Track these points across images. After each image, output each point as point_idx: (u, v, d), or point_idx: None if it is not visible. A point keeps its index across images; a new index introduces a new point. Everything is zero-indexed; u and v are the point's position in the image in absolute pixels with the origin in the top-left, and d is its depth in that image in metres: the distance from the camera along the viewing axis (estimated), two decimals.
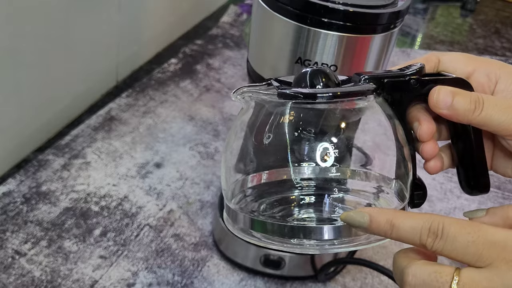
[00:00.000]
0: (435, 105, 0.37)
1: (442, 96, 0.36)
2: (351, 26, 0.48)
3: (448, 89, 0.37)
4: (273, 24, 0.51)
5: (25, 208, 0.63)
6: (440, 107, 0.37)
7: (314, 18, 0.48)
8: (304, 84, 0.37)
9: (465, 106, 0.36)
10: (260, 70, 0.54)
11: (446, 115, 0.37)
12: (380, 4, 0.49)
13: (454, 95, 0.36)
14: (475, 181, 0.40)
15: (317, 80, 0.37)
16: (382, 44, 0.51)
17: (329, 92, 0.36)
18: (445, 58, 0.40)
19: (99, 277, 0.57)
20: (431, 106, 0.37)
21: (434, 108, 0.37)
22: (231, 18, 1.16)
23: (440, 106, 0.37)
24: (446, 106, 0.36)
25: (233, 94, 0.40)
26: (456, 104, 0.36)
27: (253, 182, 0.41)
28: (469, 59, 0.41)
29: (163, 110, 0.84)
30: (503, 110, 0.36)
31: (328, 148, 0.37)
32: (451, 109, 0.37)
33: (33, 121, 0.72)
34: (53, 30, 0.70)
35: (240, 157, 0.41)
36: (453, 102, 0.36)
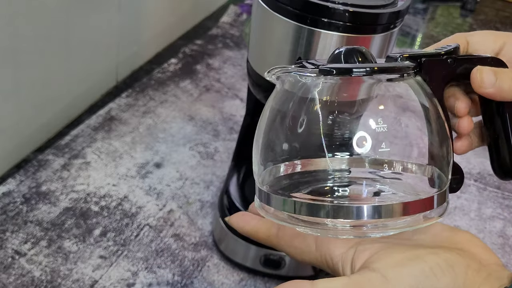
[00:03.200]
0: (479, 85, 0.37)
1: (486, 76, 0.37)
2: (351, 26, 0.48)
3: (490, 68, 0.37)
4: (273, 24, 0.51)
5: (25, 208, 0.63)
6: (485, 87, 0.37)
7: (314, 18, 0.48)
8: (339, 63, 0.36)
9: (510, 84, 0.36)
10: (260, 70, 0.54)
11: (490, 94, 0.37)
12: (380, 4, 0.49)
13: (497, 74, 0.37)
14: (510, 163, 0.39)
15: (353, 60, 0.36)
16: (382, 44, 0.51)
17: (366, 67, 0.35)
18: (473, 39, 0.40)
19: (99, 277, 0.57)
20: (475, 86, 0.37)
21: (478, 88, 0.37)
22: (231, 18, 1.16)
23: (485, 85, 0.37)
24: (491, 85, 0.37)
25: (267, 74, 0.39)
26: (500, 82, 0.36)
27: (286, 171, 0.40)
28: (496, 36, 0.41)
29: (163, 110, 0.84)
30: None
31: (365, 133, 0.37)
32: (496, 88, 0.37)
33: (33, 121, 0.72)
34: (53, 30, 0.70)
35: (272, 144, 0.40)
36: (497, 80, 0.36)
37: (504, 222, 0.74)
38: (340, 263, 0.37)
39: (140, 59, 0.95)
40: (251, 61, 0.56)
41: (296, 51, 0.50)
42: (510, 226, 0.73)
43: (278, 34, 0.51)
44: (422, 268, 0.33)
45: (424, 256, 0.34)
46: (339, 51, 0.37)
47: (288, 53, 0.51)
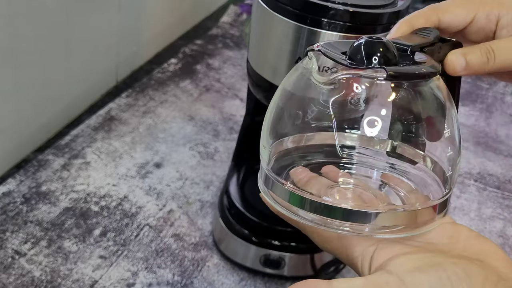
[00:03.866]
0: (453, 70, 0.39)
1: (456, 60, 0.39)
2: (351, 26, 0.48)
3: (458, 52, 0.39)
4: (273, 24, 0.51)
5: (25, 208, 0.63)
6: (457, 71, 0.39)
7: (314, 18, 0.48)
8: (360, 56, 0.36)
9: (478, 61, 0.39)
10: (260, 70, 0.54)
11: (465, 74, 0.40)
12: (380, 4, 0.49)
13: (465, 55, 0.39)
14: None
15: (375, 53, 0.36)
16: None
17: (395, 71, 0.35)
18: (445, 17, 0.42)
19: (99, 277, 0.57)
20: (449, 72, 0.39)
21: (452, 73, 0.40)
22: (231, 18, 1.16)
23: (457, 69, 0.39)
24: (462, 67, 0.39)
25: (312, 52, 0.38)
26: (470, 62, 0.39)
27: (294, 143, 0.40)
28: (466, 8, 0.42)
29: (163, 110, 0.84)
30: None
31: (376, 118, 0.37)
32: (467, 69, 0.39)
33: (33, 121, 0.72)
34: (53, 30, 0.70)
35: (282, 120, 0.40)
36: (466, 61, 0.39)
37: (504, 222, 0.74)
38: (359, 258, 0.37)
39: (140, 59, 0.95)
40: (251, 61, 0.56)
41: (296, 51, 0.50)
42: (510, 226, 0.73)
43: (278, 34, 0.51)
44: (440, 276, 0.33)
45: (444, 264, 0.34)
46: (359, 43, 0.36)
47: (288, 53, 0.51)
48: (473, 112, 0.98)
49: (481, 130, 0.93)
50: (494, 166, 0.85)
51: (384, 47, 0.36)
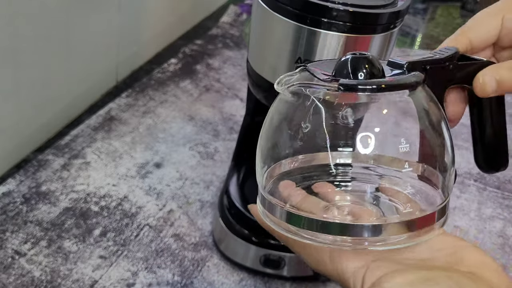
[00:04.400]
0: (482, 93, 0.39)
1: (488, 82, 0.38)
2: (351, 26, 0.48)
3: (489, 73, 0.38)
4: (273, 24, 0.51)
5: (25, 208, 0.63)
6: (485, 93, 0.38)
7: (314, 18, 0.48)
8: (346, 71, 0.36)
9: (509, 80, 0.38)
10: (260, 70, 0.54)
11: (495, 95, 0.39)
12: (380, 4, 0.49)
13: (496, 74, 0.38)
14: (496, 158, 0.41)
15: (360, 70, 0.36)
16: (382, 44, 0.51)
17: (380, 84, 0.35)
18: (473, 35, 0.41)
19: (99, 277, 0.57)
20: (479, 94, 0.39)
21: (482, 95, 0.39)
22: (231, 18, 1.16)
23: (486, 91, 0.38)
24: (492, 89, 0.38)
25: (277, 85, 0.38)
26: (501, 83, 0.38)
27: (288, 167, 0.40)
28: (494, 16, 0.42)
29: (163, 110, 0.84)
30: None
31: (369, 135, 0.37)
32: (497, 90, 0.38)
33: (33, 121, 0.72)
34: (53, 30, 0.70)
35: (275, 144, 0.40)
36: (498, 82, 0.38)
37: (504, 222, 0.74)
38: (351, 279, 0.37)
39: (140, 59, 0.95)
40: (251, 61, 0.56)
41: (296, 51, 0.50)
42: (510, 226, 0.73)
43: (278, 34, 0.51)
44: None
45: (437, 278, 0.34)
46: (345, 59, 0.37)
47: (288, 53, 0.51)
48: None
49: None
50: None
51: (369, 63, 0.36)
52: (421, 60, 0.38)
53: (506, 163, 0.41)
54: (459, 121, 0.42)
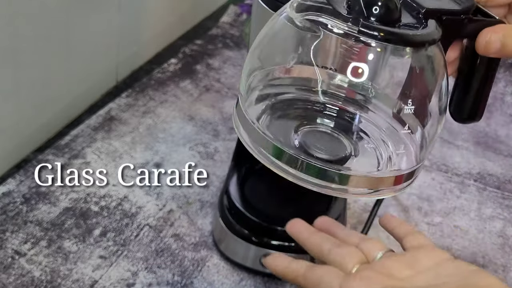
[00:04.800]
0: (484, 50, 0.38)
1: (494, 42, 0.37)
2: None
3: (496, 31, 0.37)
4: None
5: (25, 208, 0.63)
6: (490, 52, 0.38)
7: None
8: (358, 7, 0.34)
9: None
10: None
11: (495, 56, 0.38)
12: None
13: (505, 36, 0.37)
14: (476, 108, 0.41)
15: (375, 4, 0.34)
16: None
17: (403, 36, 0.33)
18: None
19: (99, 277, 0.57)
20: (479, 51, 0.38)
21: (482, 52, 0.38)
22: (231, 18, 1.16)
23: (490, 50, 0.38)
24: (495, 49, 0.37)
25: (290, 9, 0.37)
26: (506, 46, 0.37)
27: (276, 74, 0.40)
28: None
29: (163, 110, 0.84)
30: None
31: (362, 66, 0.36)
32: (499, 51, 0.37)
33: (33, 121, 0.72)
34: (53, 30, 0.70)
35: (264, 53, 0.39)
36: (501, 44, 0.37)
37: (504, 222, 0.74)
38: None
39: (140, 59, 0.95)
40: None
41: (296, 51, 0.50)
42: (510, 226, 0.73)
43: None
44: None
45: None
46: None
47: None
48: None
49: (481, 130, 0.93)
50: (494, 166, 0.85)
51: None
52: (438, 8, 0.36)
53: (481, 116, 0.41)
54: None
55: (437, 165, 0.82)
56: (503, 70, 1.14)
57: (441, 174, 0.80)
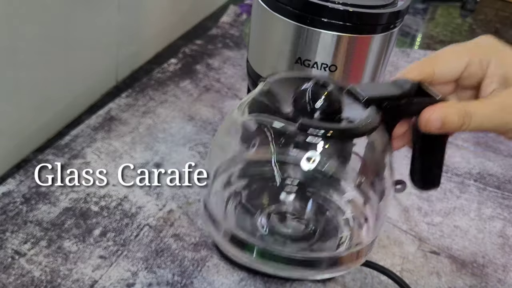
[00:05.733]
0: (426, 128, 0.40)
1: (434, 120, 0.39)
2: (351, 26, 0.48)
3: (437, 112, 0.39)
4: (273, 24, 0.51)
5: (25, 208, 0.63)
6: (431, 130, 0.40)
7: (313, 18, 0.48)
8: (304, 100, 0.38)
9: (454, 124, 0.39)
10: (260, 70, 0.54)
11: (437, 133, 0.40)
12: (380, 4, 0.49)
13: (443, 116, 0.39)
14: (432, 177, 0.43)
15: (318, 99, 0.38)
16: (382, 44, 0.51)
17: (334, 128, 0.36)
18: (439, 68, 0.42)
19: (99, 277, 0.57)
20: (421, 129, 0.40)
21: (424, 130, 0.40)
22: (231, 18, 1.16)
23: (431, 129, 0.39)
24: (436, 127, 0.39)
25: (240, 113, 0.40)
26: (445, 124, 0.39)
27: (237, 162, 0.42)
28: (460, 55, 0.43)
29: (162, 110, 0.84)
30: (489, 117, 0.39)
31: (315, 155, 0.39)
32: (440, 129, 0.39)
33: (33, 121, 0.72)
34: (53, 30, 0.70)
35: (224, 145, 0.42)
36: (441, 123, 0.39)
37: (504, 222, 0.74)
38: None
39: (140, 59, 0.95)
40: (251, 61, 0.56)
41: (296, 51, 0.50)
42: (510, 226, 0.73)
43: (278, 34, 0.51)
44: None
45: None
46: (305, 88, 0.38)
47: (288, 53, 0.51)
48: None
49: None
50: (494, 166, 0.85)
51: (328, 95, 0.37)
52: (379, 96, 0.39)
53: (438, 184, 0.44)
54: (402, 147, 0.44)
55: None
56: None
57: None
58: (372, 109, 0.38)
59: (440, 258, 0.66)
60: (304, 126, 0.36)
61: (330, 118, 0.37)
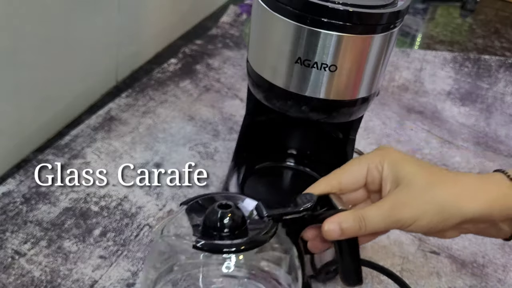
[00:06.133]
0: (330, 237, 0.45)
1: (332, 229, 0.44)
2: (351, 26, 0.48)
3: (334, 220, 0.45)
4: (273, 24, 0.51)
5: (25, 208, 0.63)
6: (334, 237, 0.45)
7: (313, 18, 0.48)
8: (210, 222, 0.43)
9: (351, 229, 0.44)
10: (260, 70, 0.54)
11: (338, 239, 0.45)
12: (380, 4, 0.49)
13: (341, 223, 0.44)
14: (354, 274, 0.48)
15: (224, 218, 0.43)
16: (382, 44, 0.51)
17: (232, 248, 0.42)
18: (344, 179, 0.48)
19: (99, 277, 0.57)
20: (327, 238, 0.45)
21: (330, 239, 0.45)
22: (231, 18, 1.16)
23: (334, 236, 0.45)
24: (338, 234, 0.44)
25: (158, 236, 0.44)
26: (344, 231, 0.44)
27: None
28: (361, 165, 0.48)
29: (162, 110, 0.84)
30: (382, 218, 0.44)
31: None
32: (341, 236, 0.45)
33: (33, 121, 0.72)
34: (53, 30, 0.70)
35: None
36: (340, 231, 0.44)
37: None
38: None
39: (140, 59, 0.95)
40: (251, 61, 0.56)
41: (296, 51, 0.50)
42: None
43: (278, 34, 0.51)
44: None
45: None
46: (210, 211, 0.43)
47: (288, 53, 0.51)
48: (473, 112, 0.99)
49: (481, 130, 0.93)
50: (494, 166, 0.85)
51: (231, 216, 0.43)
52: (280, 213, 0.44)
53: (361, 281, 0.48)
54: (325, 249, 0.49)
55: (437, 165, 0.82)
56: (503, 70, 1.14)
57: None
58: (269, 223, 0.44)
59: (440, 258, 0.66)
60: (198, 247, 0.42)
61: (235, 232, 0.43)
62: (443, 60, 1.15)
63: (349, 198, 0.49)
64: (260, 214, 0.44)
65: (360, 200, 0.50)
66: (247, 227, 0.44)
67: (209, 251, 0.42)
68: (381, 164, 0.47)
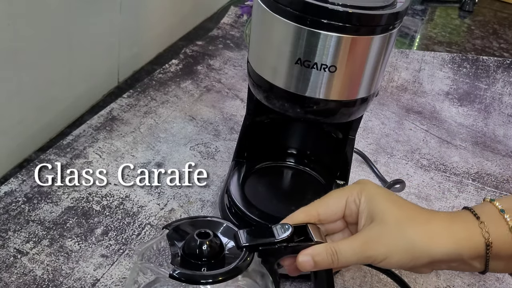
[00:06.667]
0: (304, 269, 0.46)
1: (306, 261, 0.46)
2: (350, 27, 0.48)
3: (307, 253, 0.46)
4: (273, 25, 0.51)
5: (27, 207, 0.64)
6: (308, 269, 0.46)
7: (313, 19, 0.48)
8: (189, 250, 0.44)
9: (324, 262, 0.46)
10: (260, 71, 0.55)
11: (314, 270, 0.47)
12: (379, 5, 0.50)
13: (314, 256, 0.46)
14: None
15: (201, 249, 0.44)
16: (381, 45, 0.51)
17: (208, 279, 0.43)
18: (322, 210, 0.49)
19: (101, 275, 0.58)
20: (301, 270, 0.47)
21: (304, 271, 0.46)
22: (232, 19, 1.17)
23: (307, 268, 0.46)
24: (312, 266, 0.46)
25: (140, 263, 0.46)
26: (317, 263, 0.46)
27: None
28: (340, 198, 0.49)
29: (164, 110, 0.84)
30: (353, 252, 0.45)
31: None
32: (314, 268, 0.46)
33: (35, 121, 0.72)
34: (55, 31, 0.70)
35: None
36: (314, 263, 0.46)
37: None
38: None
39: (142, 59, 0.96)
40: (251, 61, 0.57)
41: (296, 52, 0.51)
42: None
43: (278, 35, 0.51)
44: None
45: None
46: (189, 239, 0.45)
47: (288, 54, 0.51)
48: (472, 112, 0.99)
49: (479, 130, 0.94)
50: (492, 165, 0.85)
51: (208, 244, 0.44)
52: (257, 243, 0.46)
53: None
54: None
55: (435, 164, 0.83)
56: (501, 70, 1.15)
57: (440, 174, 0.81)
58: (246, 253, 0.45)
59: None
60: (175, 277, 0.43)
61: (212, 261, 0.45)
62: (441, 61, 1.15)
63: (327, 228, 0.50)
64: (238, 244, 0.46)
65: (338, 230, 0.51)
66: (224, 255, 0.45)
67: (186, 282, 0.43)
68: (359, 197, 0.48)
